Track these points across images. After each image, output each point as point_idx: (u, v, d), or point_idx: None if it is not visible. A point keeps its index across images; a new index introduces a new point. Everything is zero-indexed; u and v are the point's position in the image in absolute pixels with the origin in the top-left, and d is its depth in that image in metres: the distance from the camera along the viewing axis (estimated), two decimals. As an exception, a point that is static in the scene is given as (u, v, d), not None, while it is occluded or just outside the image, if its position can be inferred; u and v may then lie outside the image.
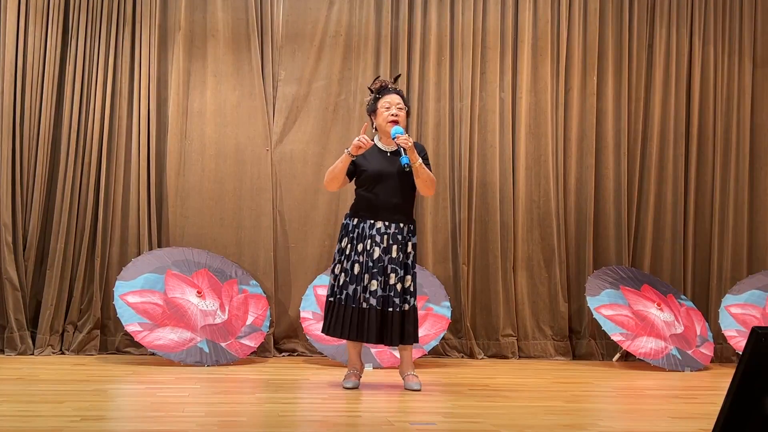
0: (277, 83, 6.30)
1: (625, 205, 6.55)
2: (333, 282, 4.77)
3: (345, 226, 4.82)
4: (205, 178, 6.21)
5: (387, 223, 4.75)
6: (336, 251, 4.82)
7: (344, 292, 4.72)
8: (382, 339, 4.70)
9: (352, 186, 4.92)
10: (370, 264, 4.69)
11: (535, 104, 6.52)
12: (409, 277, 4.76)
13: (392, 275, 4.70)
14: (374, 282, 4.67)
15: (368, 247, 4.72)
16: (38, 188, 5.91)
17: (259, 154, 6.24)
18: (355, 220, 4.79)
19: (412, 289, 4.77)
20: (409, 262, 4.78)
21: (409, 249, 4.79)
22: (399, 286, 4.69)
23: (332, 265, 4.83)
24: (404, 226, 4.78)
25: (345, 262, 4.76)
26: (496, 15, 6.47)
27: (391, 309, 4.67)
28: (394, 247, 4.72)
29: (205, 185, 6.21)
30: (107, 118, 6.07)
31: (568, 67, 6.56)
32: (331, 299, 4.76)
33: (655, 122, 6.63)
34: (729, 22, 6.76)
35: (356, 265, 4.72)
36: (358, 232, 4.76)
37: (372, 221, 4.75)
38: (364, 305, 4.67)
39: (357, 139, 4.69)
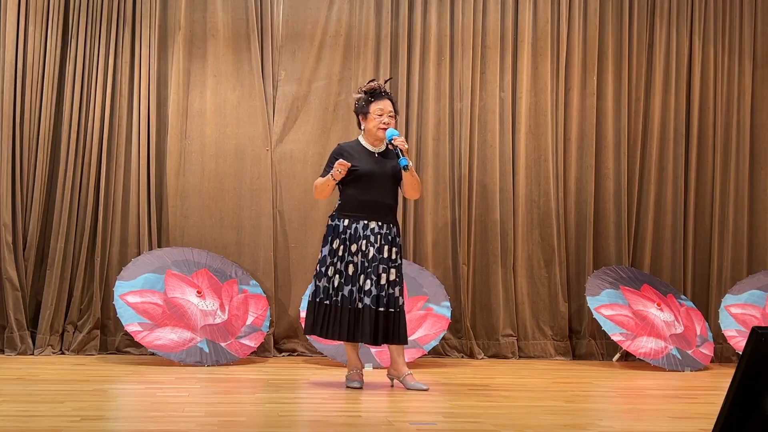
0: (277, 83, 6.30)
1: (625, 205, 6.55)
2: (327, 284, 4.74)
3: (334, 228, 4.79)
4: (205, 178, 6.21)
5: (380, 223, 4.76)
6: (326, 253, 4.78)
7: (339, 293, 4.71)
8: (377, 339, 4.67)
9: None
10: (366, 264, 4.70)
11: (535, 104, 6.52)
12: (399, 277, 4.78)
13: (383, 275, 4.71)
14: (368, 282, 4.67)
15: (363, 247, 4.72)
16: (38, 188, 5.91)
17: (259, 154, 6.24)
18: (346, 221, 4.78)
19: (403, 289, 4.82)
20: (400, 263, 4.81)
21: (398, 249, 4.82)
22: (390, 286, 4.71)
23: (321, 268, 4.78)
24: (393, 226, 4.82)
25: (339, 263, 4.75)
26: (496, 15, 6.47)
27: (383, 309, 4.68)
28: (386, 246, 4.75)
29: (205, 185, 6.21)
30: (107, 118, 6.07)
31: (568, 67, 6.56)
32: (327, 302, 4.73)
33: (655, 122, 6.63)
34: (729, 22, 6.76)
35: (350, 266, 4.72)
36: (350, 233, 4.76)
37: (366, 221, 4.75)
38: (359, 305, 4.67)
39: (338, 167, 4.68)
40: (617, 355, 6.36)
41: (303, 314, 5.87)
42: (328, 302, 4.74)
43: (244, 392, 4.65)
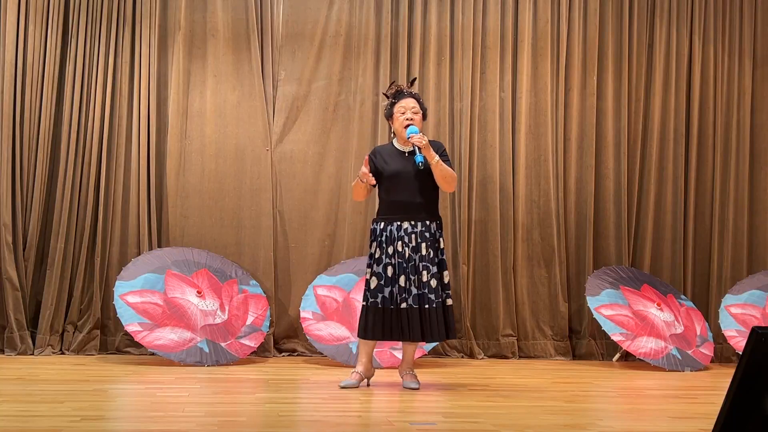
0: (277, 83, 6.30)
1: (625, 205, 6.55)
2: (366, 288, 4.79)
3: (373, 231, 4.85)
4: (205, 178, 6.21)
5: (413, 222, 4.77)
6: (368, 257, 4.85)
7: (379, 295, 4.71)
8: (424, 336, 4.71)
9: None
10: (404, 264, 4.71)
11: (535, 104, 6.52)
12: (446, 272, 4.79)
13: (425, 272, 4.71)
14: (408, 282, 4.70)
15: (399, 248, 4.74)
16: (38, 188, 5.91)
17: (259, 154, 6.25)
18: (382, 223, 4.81)
19: (451, 285, 4.84)
20: (444, 258, 4.81)
21: (441, 245, 4.82)
22: (434, 283, 4.70)
23: (366, 272, 4.85)
24: (431, 223, 4.81)
25: (375, 266, 4.77)
26: (496, 15, 6.47)
27: (427, 306, 4.68)
28: (423, 244, 4.74)
29: (205, 185, 6.21)
30: (107, 118, 6.08)
31: (568, 67, 6.56)
32: (364, 303, 4.77)
33: (655, 122, 6.63)
34: (729, 21, 6.76)
35: (389, 268, 4.73)
36: (386, 235, 4.78)
37: (399, 222, 4.77)
38: (403, 305, 4.68)
39: (361, 172, 4.78)
40: (617, 355, 6.36)
41: (303, 314, 5.89)
42: (365, 303, 4.77)
43: (244, 392, 4.65)
